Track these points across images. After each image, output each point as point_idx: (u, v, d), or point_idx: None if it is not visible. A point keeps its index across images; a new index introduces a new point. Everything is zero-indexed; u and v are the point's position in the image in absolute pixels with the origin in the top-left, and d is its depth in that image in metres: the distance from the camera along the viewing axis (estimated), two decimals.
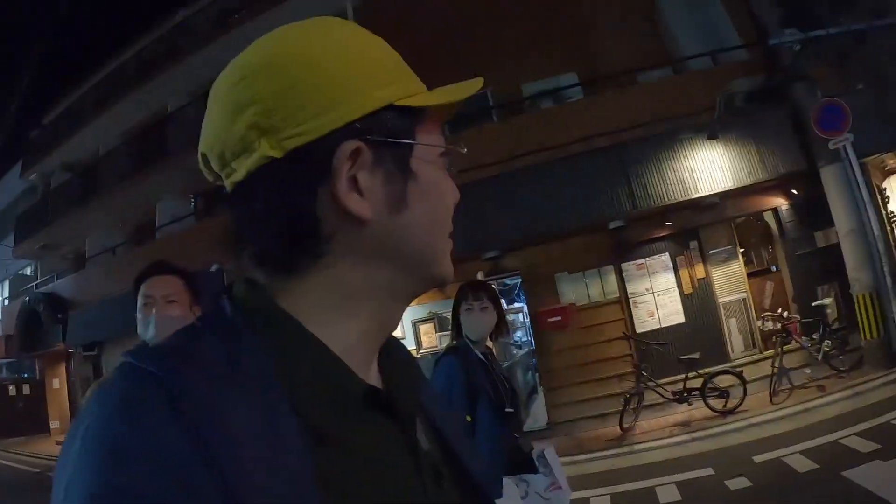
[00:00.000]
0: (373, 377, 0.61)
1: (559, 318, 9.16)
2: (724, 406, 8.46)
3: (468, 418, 2.51)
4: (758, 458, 6.63)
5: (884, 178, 10.39)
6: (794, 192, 9.29)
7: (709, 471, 6.68)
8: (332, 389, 0.53)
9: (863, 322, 8.60)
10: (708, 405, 8.50)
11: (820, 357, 8.75)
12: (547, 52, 10.41)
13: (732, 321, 9.20)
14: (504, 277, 9.61)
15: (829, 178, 8.83)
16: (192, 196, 11.39)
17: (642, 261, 9.44)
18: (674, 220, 9.25)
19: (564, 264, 9.37)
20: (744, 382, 8.47)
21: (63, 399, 17.08)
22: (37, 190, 18.75)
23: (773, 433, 7.51)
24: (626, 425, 8.62)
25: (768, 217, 9.88)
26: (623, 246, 9.39)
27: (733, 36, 10.43)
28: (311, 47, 0.57)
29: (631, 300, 9.38)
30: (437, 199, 0.62)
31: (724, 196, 9.05)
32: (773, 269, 10.28)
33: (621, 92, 9.77)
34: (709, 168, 8.91)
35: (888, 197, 10.25)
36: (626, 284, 9.42)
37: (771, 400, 8.43)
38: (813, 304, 9.00)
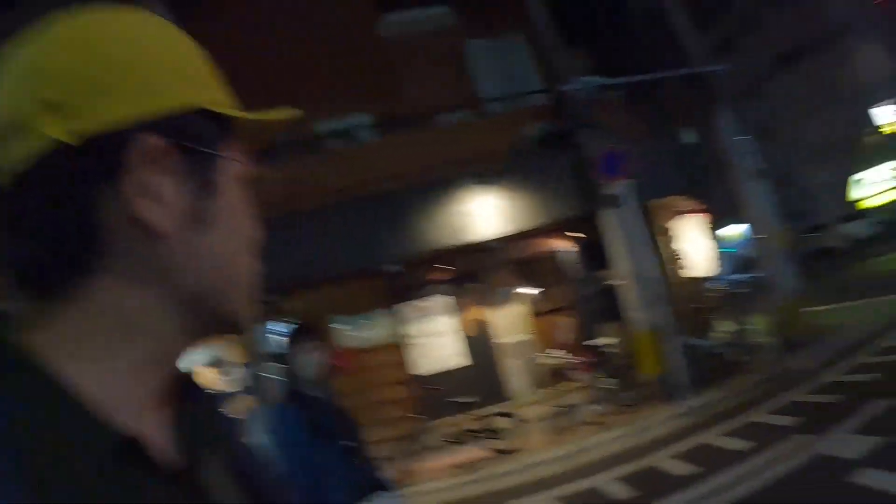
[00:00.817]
0: (151, 423, 0.49)
1: (334, 362, 8.82)
2: (500, 447, 8.37)
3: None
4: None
5: (672, 219, 10.69)
6: (578, 234, 9.39)
7: None
8: (79, 448, 0.41)
9: (642, 360, 8.71)
10: (484, 446, 8.39)
11: (602, 394, 8.81)
12: (346, 91, 10.15)
13: (515, 361, 9.14)
14: (281, 321, 9.26)
15: (610, 222, 8.96)
16: None
17: (422, 303, 9.26)
18: (455, 262, 9.14)
19: (342, 308, 9.06)
20: (519, 423, 8.42)
21: None
22: None
23: (544, 475, 7.29)
24: (403, 468, 8.41)
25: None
26: (402, 289, 9.13)
27: (536, 82, 10.60)
28: (122, 30, 0.49)
29: (410, 343, 9.10)
30: (242, 224, 0.54)
31: (505, 239, 9.01)
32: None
33: (411, 135, 9.61)
34: (486, 213, 8.81)
35: (672, 237, 10.55)
36: (405, 327, 9.13)
37: (551, 439, 8.40)
38: (591, 342, 9.06)
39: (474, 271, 9.20)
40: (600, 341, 8.97)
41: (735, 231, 17.96)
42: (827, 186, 20.89)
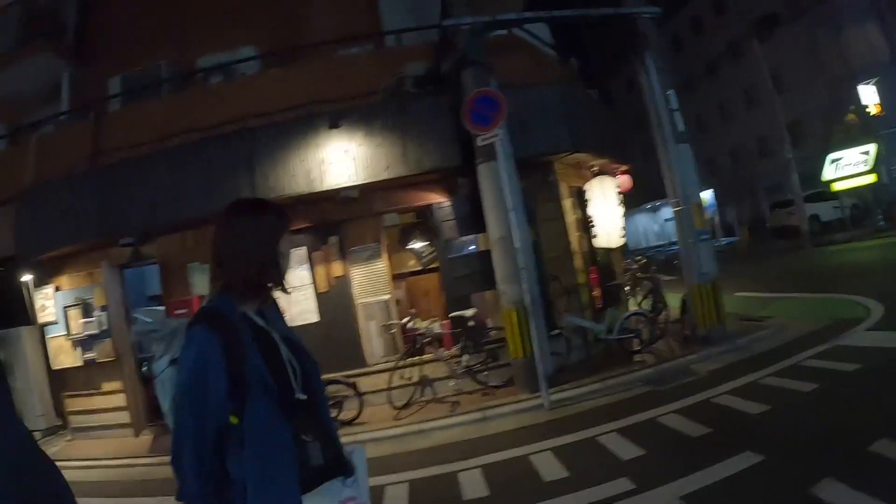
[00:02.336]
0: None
1: (185, 310, 6.94)
2: (338, 416, 6.41)
3: (233, 420, 1.25)
4: None
5: (589, 180, 8.05)
6: (455, 188, 6.97)
7: None
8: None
9: (509, 338, 6.43)
10: None
11: (460, 370, 6.63)
12: (236, 21, 7.83)
13: (373, 324, 6.94)
14: (143, 265, 7.39)
15: (485, 178, 6.53)
16: None
17: None
18: (313, 212, 6.90)
19: (197, 254, 7.01)
20: (358, 394, 6.39)
21: None
22: None
23: (374, 455, 5.46)
24: None
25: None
26: None
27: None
28: None
29: None
30: None
31: (367, 189, 6.71)
32: None
33: (288, 70, 7.30)
34: (351, 158, 6.54)
35: (587, 200, 7.95)
36: None
37: (394, 414, 6.38)
38: (458, 313, 6.79)
39: (336, 222, 6.96)
40: (467, 312, 6.68)
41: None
42: (803, 162, 17.15)
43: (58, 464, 1.10)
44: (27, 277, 7.40)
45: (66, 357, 7.40)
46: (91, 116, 7.61)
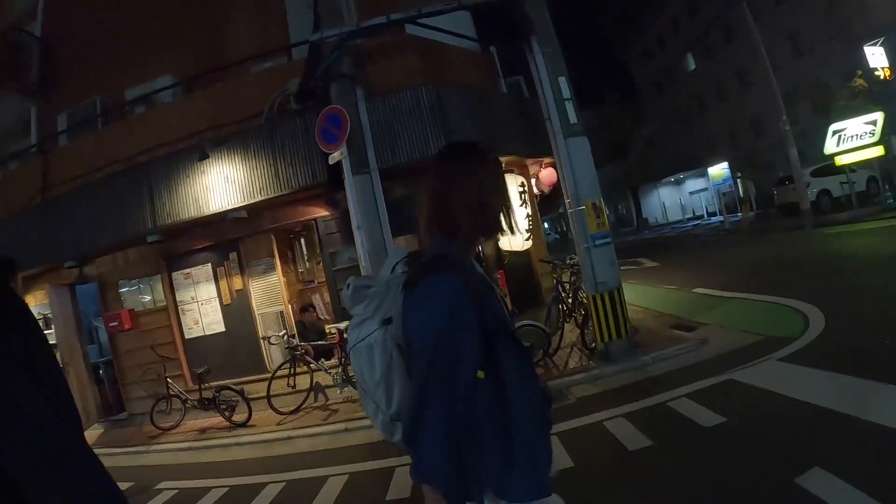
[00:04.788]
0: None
1: (116, 322, 7.23)
2: (231, 418, 6.49)
3: (480, 374, 1.12)
4: (161, 485, 4.97)
5: None
6: (336, 203, 6.55)
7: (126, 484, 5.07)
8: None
9: None
10: (223, 416, 6.56)
11: (340, 380, 6.35)
12: (152, 51, 7.74)
13: (268, 334, 6.85)
14: (85, 284, 7.81)
15: (351, 192, 6.07)
16: None
17: (189, 270, 7.15)
18: (213, 231, 6.85)
19: (126, 272, 7.35)
20: (245, 399, 6.38)
21: None
22: None
23: (236, 458, 5.64)
24: (162, 424, 6.85)
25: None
26: (172, 256, 7.18)
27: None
28: None
29: (180, 308, 7.21)
30: None
31: (254, 208, 6.50)
32: None
33: (186, 100, 7.16)
34: (222, 183, 6.35)
35: None
36: (176, 293, 7.24)
37: (280, 420, 6.32)
38: (335, 325, 6.46)
39: (233, 240, 6.97)
40: (341, 325, 6.36)
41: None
42: (814, 132, 14.45)
43: None
44: None
45: None
46: (43, 152, 8.01)
